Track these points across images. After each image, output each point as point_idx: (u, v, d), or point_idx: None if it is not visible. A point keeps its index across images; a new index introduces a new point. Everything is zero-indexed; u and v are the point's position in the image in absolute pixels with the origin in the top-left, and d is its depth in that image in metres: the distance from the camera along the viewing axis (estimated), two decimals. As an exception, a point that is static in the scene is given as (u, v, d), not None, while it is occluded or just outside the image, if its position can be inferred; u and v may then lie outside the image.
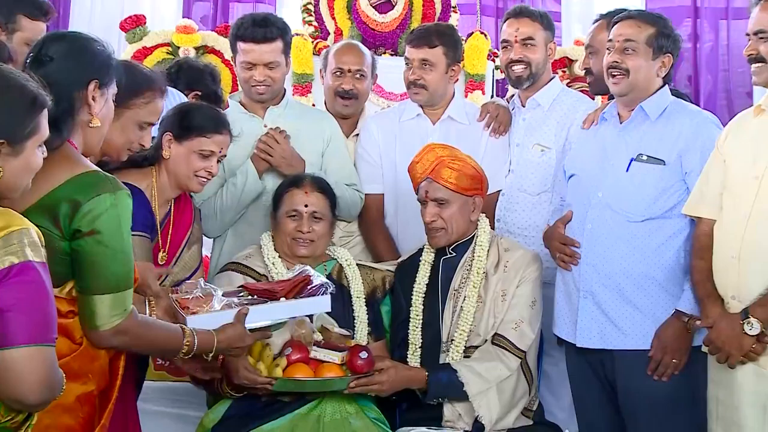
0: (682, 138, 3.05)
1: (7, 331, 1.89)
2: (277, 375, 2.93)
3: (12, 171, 2.02)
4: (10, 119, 2.00)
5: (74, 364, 2.23)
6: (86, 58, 2.36)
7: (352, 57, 3.90)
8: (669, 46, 3.12)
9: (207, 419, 3.07)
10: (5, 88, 2.02)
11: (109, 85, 2.39)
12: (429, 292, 3.27)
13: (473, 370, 3.07)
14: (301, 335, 3.06)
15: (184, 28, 5.08)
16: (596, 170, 3.19)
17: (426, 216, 3.24)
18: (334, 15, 5.10)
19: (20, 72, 2.10)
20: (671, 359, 2.99)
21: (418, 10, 5.05)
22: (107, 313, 2.24)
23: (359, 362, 3.01)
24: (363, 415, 3.06)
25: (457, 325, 3.19)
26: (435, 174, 3.22)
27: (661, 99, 3.14)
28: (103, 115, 2.39)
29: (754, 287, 2.71)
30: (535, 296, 3.21)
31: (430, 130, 3.76)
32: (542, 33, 3.72)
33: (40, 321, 1.93)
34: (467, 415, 3.09)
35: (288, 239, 3.30)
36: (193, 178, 2.99)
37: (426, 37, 3.72)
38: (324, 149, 3.66)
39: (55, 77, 2.26)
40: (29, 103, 2.04)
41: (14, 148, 2.01)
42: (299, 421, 2.98)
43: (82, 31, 2.48)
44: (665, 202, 3.05)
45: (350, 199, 3.62)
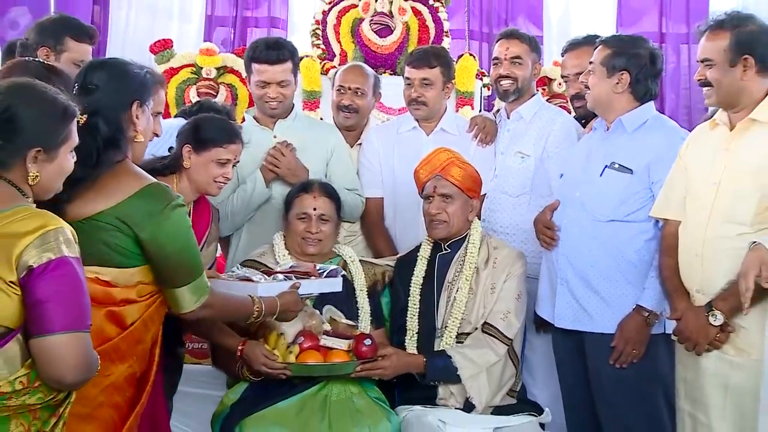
0: (652, 151, 3.04)
1: (47, 320, 1.90)
2: (290, 361, 2.95)
3: (47, 175, 2.05)
4: (44, 129, 2.02)
5: (122, 345, 2.27)
6: (126, 82, 2.40)
7: (352, 76, 3.92)
8: (622, 64, 3.08)
9: (227, 398, 3.08)
10: (39, 101, 2.04)
11: (147, 102, 2.43)
12: (425, 285, 3.26)
13: (466, 356, 3.07)
14: (312, 326, 3.07)
15: (207, 50, 5.08)
16: (578, 172, 3.20)
17: (432, 209, 3.24)
18: (339, 39, 5.10)
19: (52, 86, 2.11)
20: (631, 350, 3.01)
21: (414, 34, 5.05)
22: (189, 299, 2.37)
23: (364, 348, 3.02)
24: (365, 395, 3.07)
25: (451, 313, 3.19)
26: (445, 171, 3.23)
27: (640, 114, 3.12)
28: (146, 129, 2.43)
29: (716, 282, 2.70)
30: (520, 290, 3.22)
31: (425, 141, 3.75)
32: (529, 53, 3.73)
33: (75, 310, 1.94)
34: (459, 395, 3.09)
35: (298, 239, 3.30)
36: (212, 184, 2.98)
37: (425, 59, 3.74)
38: (329, 158, 3.65)
39: (102, 103, 2.33)
40: (61, 113, 2.06)
41: (49, 154, 2.03)
42: (308, 400, 2.99)
43: (118, 57, 2.52)
44: (629, 207, 3.05)
45: (352, 203, 3.61)
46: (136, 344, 2.31)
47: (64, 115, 2.06)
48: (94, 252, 2.22)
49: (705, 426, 2.75)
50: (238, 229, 3.65)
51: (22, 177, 2.01)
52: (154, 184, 2.31)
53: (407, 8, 5.10)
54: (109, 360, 2.20)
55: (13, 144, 1.98)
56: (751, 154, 2.67)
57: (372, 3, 5.06)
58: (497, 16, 6.46)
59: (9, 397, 1.89)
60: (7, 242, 1.89)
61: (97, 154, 2.26)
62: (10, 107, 1.98)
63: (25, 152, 1.99)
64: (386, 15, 5.05)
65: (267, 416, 2.91)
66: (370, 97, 3.94)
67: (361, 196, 3.70)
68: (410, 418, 3.02)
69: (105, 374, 2.19)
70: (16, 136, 1.98)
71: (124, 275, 2.28)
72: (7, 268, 1.88)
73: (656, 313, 3.00)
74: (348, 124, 3.88)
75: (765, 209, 2.62)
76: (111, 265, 2.26)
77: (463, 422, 3.03)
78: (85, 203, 2.24)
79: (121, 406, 2.28)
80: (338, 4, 5.17)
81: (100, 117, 2.29)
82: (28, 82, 2.09)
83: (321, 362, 2.99)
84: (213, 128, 3.03)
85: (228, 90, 4.94)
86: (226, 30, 6.34)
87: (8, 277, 1.88)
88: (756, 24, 2.70)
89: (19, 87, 2.06)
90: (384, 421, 2.96)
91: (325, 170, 3.63)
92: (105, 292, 2.25)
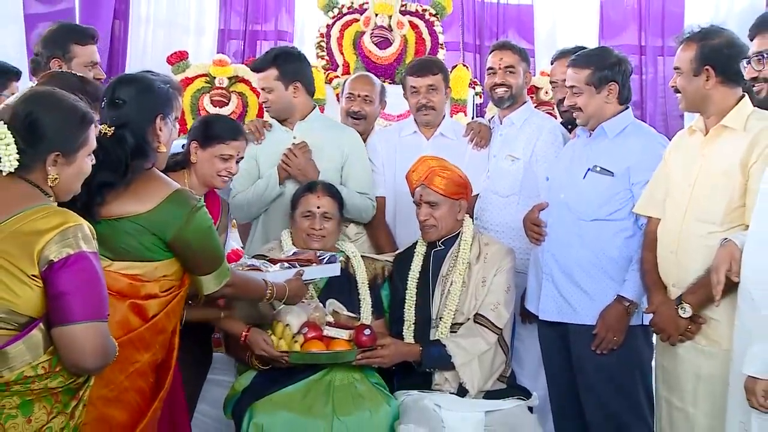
0: (632, 155, 3.05)
1: (67, 311, 1.91)
2: (295, 350, 2.96)
3: (66, 177, 2.05)
4: (64, 134, 2.03)
5: (147, 334, 2.29)
6: (151, 97, 2.42)
7: (361, 85, 3.92)
8: (609, 75, 3.08)
9: (238, 384, 3.08)
10: (59, 109, 2.04)
11: (170, 114, 2.45)
12: (421, 279, 3.26)
13: (459, 344, 3.06)
14: (315, 317, 3.08)
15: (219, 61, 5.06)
16: (563, 176, 3.20)
17: (420, 215, 3.25)
18: (342, 51, 5.11)
19: (71, 94, 2.12)
20: (612, 337, 3.01)
21: (411, 46, 5.05)
22: (213, 283, 2.46)
23: (363, 338, 3.03)
24: (366, 380, 3.07)
25: (445, 305, 3.19)
26: (428, 181, 3.22)
27: (620, 121, 3.12)
28: (169, 140, 2.45)
29: (689, 276, 2.71)
30: (509, 283, 3.22)
31: (425, 144, 3.76)
32: (521, 63, 3.74)
33: (93, 301, 1.94)
34: (453, 380, 3.09)
35: (303, 235, 3.31)
36: (216, 177, 2.98)
37: (428, 67, 3.75)
38: (343, 161, 3.62)
39: (129, 117, 2.34)
40: (79, 120, 2.06)
41: (68, 158, 2.04)
42: (313, 386, 3.00)
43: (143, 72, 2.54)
44: (610, 207, 3.05)
45: (362, 206, 3.59)
46: (158, 334, 2.33)
47: (82, 121, 2.06)
48: (123, 248, 2.28)
49: (680, 410, 2.76)
50: (255, 221, 3.67)
51: (43, 179, 2.01)
52: (179, 190, 2.34)
53: (405, 22, 5.10)
54: (134, 348, 2.25)
55: (34, 148, 1.98)
56: (722, 158, 2.68)
57: (372, 17, 5.06)
58: (489, 30, 6.43)
59: (32, 381, 1.90)
60: (29, 239, 1.90)
61: (126, 162, 2.29)
62: (32, 113, 1.99)
63: (45, 156, 2.00)
64: (386, 29, 5.05)
65: (275, 400, 2.91)
66: (377, 104, 3.94)
67: (372, 200, 3.67)
68: (408, 402, 3.01)
69: (131, 361, 2.24)
70: (38, 141, 1.99)
71: (149, 269, 2.31)
72: (29, 262, 1.89)
73: (636, 303, 3.00)
74: (357, 129, 3.85)
75: (733, 209, 2.62)
76: (138, 260, 2.29)
77: (457, 405, 3.02)
78: (119, 205, 2.28)
79: (144, 390, 2.30)
80: (341, 19, 5.18)
81: (127, 129, 2.32)
82: (48, 91, 2.10)
83: (324, 351, 2.99)
84: (219, 125, 3.04)
85: (239, 98, 4.93)
86: (238, 42, 6.33)
87: (30, 271, 1.89)
88: (723, 37, 2.70)
89: (40, 95, 2.07)
90: (384, 404, 2.96)
91: (339, 170, 3.60)
92: (131, 286, 2.28)
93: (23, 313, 1.91)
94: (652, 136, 3.17)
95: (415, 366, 3.11)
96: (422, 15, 5.17)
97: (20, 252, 1.89)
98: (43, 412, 1.93)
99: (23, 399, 1.90)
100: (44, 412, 1.94)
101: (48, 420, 1.94)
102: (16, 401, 1.90)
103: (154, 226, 2.28)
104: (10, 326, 1.90)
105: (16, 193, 1.96)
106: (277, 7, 6.35)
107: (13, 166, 1.95)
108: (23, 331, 1.90)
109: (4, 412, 1.88)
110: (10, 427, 1.88)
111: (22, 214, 1.92)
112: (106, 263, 2.21)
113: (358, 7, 5.17)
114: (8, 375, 1.87)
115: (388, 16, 5.05)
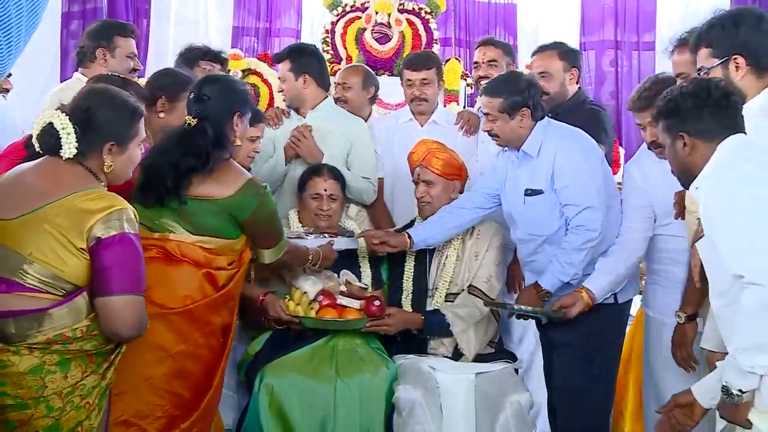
0: (549, 166, 2.81)
1: (109, 283, 1.94)
2: (311, 316, 2.97)
3: (120, 164, 2.10)
4: (118, 126, 2.07)
5: (219, 300, 2.38)
6: (232, 96, 2.48)
7: (343, 74, 3.92)
8: (521, 102, 2.80)
9: (251, 348, 3.06)
10: (113, 104, 2.08)
11: (246, 114, 2.52)
12: (418, 253, 3.19)
13: (456, 314, 3.01)
14: (330, 287, 3.07)
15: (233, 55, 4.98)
16: (509, 197, 2.99)
17: (417, 193, 3.19)
18: (345, 45, 5.08)
19: (123, 90, 2.17)
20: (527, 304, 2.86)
21: (408, 42, 5.01)
22: (272, 255, 2.59)
23: (373, 308, 3.01)
24: (367, 346, 3.04)
25: (441, 276, 3.14)
26: (426, 162, 3.15)
27: (535, 138, 2.85)
28: (243, 135, 2.53)
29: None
30: (499, 258, 3.16)
31: (420, 131, 3.68)
32: (503, 56, 3.69)
33: (133, 277, 1.98)
34: (449, 345, 3.05)
35: (312, 215, 3.25)
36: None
37: (423, 62, 3.68)
38: (348, 148, 3.55)
39: (211, 112, 2.42)
40: (131, 112, 2.10)
41: (121, 147, 2.08)
42: (319, 350, 2.98)
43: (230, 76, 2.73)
44: (557, 222, 2.84)
45: (364, 189, 3.52)
46: (228, 301, 2.43)
47: (133, 114, 2.10)
48: (204, 225, 2.38)
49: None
50: None
51: (97, 165, 2.06)
52: (252, 179, 2.44)
53: (403, 20, 5.05)
54: (209, 312, 2.36)
55: (91, 138, 2.03)
56: None
57: (373, 15, 5.01)
58: (478, 27, 6.42)
59: (71, 342, 1.94)
60: (81, 216, 1.95)
61: (207, 150, 2.36)
62: (90, 108, 2.04)
63: (101, 145, 2.04)
64: (385, 25, 5.00)
65: (284, 363, 2.89)
66: (358, 90, 3.82)
67: (374, 185, 3.60)
68: (405, 365, 2.98)
69: (206, 322, 2.35)
70: (95, 131, 2.03)
71: (221, 244, 2.40)
72: (78, 237, 1.94)
73: (548, 291, 2.82)
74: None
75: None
76: (214, 236, 2.39)
77: (450, 368, 2.99)
78: (203, 188, 2.37)
79: (215, 348, 2.39)
80: (344, 16, 5.14)
81: (208, 122, 2.40)
82: (104, 87, 2.17)
83: (336, 318, 2.99)
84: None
85: (251, 88, 4.86)
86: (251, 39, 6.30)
87: (79, 244, 1.94)
88: None
89: (97, 91, 2.13)
90: (383, 367, 2.93)
91: (345, 156, 3.53)
92: (206, 258, 2.37)
93: (69, 280, 1.95)
94: (564, 142, 2.85)
95: (416, 333, 3.06)
96: (418, 13, 5.12)
97: (72, 226, 1.94)
98: (79, 370, 1.97)
99: (62, 357, 1.94)
100: (79, 370, 1.97)
101: (82, 378, 1.97)
102: (55, 359, 1.93)
103: (232, 209, 2.38)
104: (57, 292, 1.95)
105: (74, 175, 2.01)
106: (287, 6, 6.35)
107: (72, 152, 2.00)
108: (67, 297, 1.94)
109: (45, 368, 1.92)
110: (50, 381, 1.93)
111: (77, 194, 1.97)
112: (185, 236, 2.37)
113: (360, 5, 5.14)
114: (51, 334, 1.92)
115: (388, 14, 5.01)
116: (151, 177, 2.38)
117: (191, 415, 2.30)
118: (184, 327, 2.29)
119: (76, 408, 1.97)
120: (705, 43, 2.25)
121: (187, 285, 2.33)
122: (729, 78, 2.18)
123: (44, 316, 1.91)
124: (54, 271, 1.93)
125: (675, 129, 2.05)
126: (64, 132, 1.99)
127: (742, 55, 2.19)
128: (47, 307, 1.92)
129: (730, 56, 2.20)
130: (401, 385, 2.84)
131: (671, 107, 2.06)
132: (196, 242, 2.36)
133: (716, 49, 2.23)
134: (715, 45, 2.23)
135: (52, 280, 1.94)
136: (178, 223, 2.36)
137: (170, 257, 2.34)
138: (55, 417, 1.94)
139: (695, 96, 2.02)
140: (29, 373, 1.91)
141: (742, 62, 2.19)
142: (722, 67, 2.21)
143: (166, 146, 2.43)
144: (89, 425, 2.00)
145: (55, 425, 1.94)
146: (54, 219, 1.94)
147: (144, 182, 2.39)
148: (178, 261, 2.33)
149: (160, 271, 2.29)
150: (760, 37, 2.19)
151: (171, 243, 2.34)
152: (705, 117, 2.00)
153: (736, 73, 2.20)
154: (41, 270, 1.93)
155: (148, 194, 2.37)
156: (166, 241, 2.35)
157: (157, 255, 2.32)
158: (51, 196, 1.96)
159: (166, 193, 2.36)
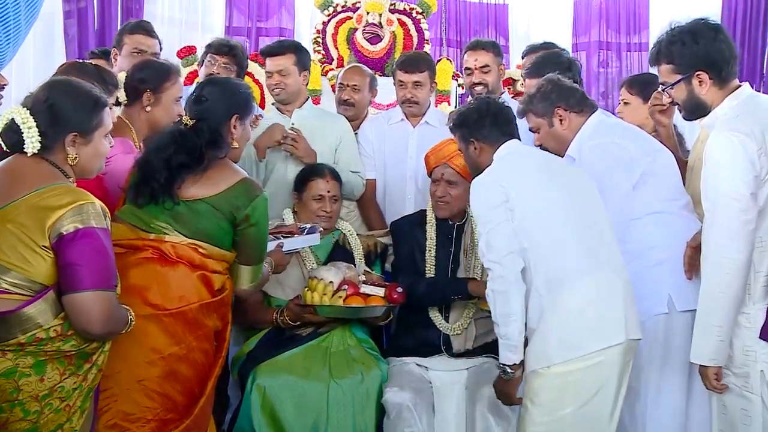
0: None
1: (76, 280, 1.90)
2: (339, 304, 2.93)
3: (85, 156, 2.05)
4: (79, 116, 2.02)
5: (214, 304, 2.35)
6: (231, 98, 2.45)
7: (351, 75, 3.84)
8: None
9: (245, 347, 3.06)
10: (75, 94, 2.04)
11: (246, 117, 2.48)
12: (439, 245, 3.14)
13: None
14: (351, 276, 3.06)
15: (225, 55, 5.00)
16: None
17: (438, 192, 3.12)
18: (337, 45, 5.07)
19: (85, 81, 2.14)
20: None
21: (399, 42, 5.01)
22: (247, 278, 2.47)
23: (395, 295, 3.01)
24: (360, 346, 3.03)
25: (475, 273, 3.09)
26: (451, 161, 3.09)
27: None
28: (241, 138, 2.47)
29: None
30: None
31: (411, 131, 3.69)
32: (494, 59, 3.70)
33: (100, 272, 1.93)
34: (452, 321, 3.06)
35: (313, 215, 3.21)
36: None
37: (416, 64, 3.65)
38: (337, 144, 3.55)
39: (209, 113, 2.39)
40: (93, 103, 2.06)
41: (85, 138, 2.03)
42: (312, 350, 2.97)
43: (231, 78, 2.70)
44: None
45: (354, 183, 3.53)
46: (222, 306, 2.40)
47: (95, 104, 2.07)
48: (199, 229, 2.33)
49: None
50: None
51: (63, 159, 2.01)
52: (246, 178, 2.39)
53: (394, 20, 5.04)
54: (203, 314, 2.32)
55: (54, 130, 1.99)
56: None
57: (364, 15, 5.00)
58: (470, 27, 6.42)
59: (45, 344, 1.89)
60: (42, 213, 1.90)
61: (201, 149, 2.34)
62: (49, 98, 2.00)
63: (64, 137, 2.00)
64: (376, 25, 4.99)
65: (277, 363, 2.89)
66: (365, 92, 3.84)
67: (363, 177, 3.61)
68: (396, 367, 2.98)
69: (200, 325, 2.31)
70: (56, 123, 1.99)
71: (216, 252, 2.36)
72: (40, 235, 1.89)
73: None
74: (347, 115, 3.79)
75: None
76: (208, 242, 2.34)
77: (442, 365, 2.99)
78: (196, 188, 2.33)
79: (208, 352, 2.36)
80: (336, 16, 5.12)
81: (205, 123, 2.38)
82: (65, 79, 2.13)
83: (363, 305, 2.96)
84: None
85: (243, 89, 4.85)
86: (242, 39, 6.26)
87: (41, 242, 1.89)
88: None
89: (57, 82, 2.09)
90: (375, 368, 2.93)
91: (333, 154, 3.54)
92: (201, 260, 2.33)
93: (36, 280, 1.91)
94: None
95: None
96: (410, 13, 5.11)
97: (33, 224, 1.89)
98: (56, 372, 1.92)
99: (36, 359, 1.90)
100: (57, 372, 1.92)
101: (60, 380, 1.92)
102: (30, 361, 1.89)
103: (225, 207, 2.32)
104: (26, 292, 1.90)
105: (38, 172, 1.96)
106: (279, 5, 6.32)
107: (35, 147, 1.96)
108: (35, 297, 1.90)
109: (18, 371, 1.88)
110: (24, 384, 1.88)
111: (40, 191, 1.92)
112: (178, 239, 2.31)
113: (351, 5, 5.12)
114: (21, 337, 1.87)
115: (379, 14, 5.00)
116: (145, 174, 2.36)
117: (183, 421, 2.25)
118: (178, 329, 2.26)
119: (56, 411, 1.92)
120: (666, 60, 2.30)
121: (182, 286, 2.29)
122: (693, 92, 2.26)
123: (12, 317, 1.86)
124: (19, 271, 1.89)
125: (467, 137, 2.54)
126: (25, 126, 1.95)
127: (705, 71, 2.23)
128: (14, 309, 1.87)
129: (692, 72, 2.25)
130: (389, 388, 2.83)
131: (462, 120, 2.56)
132: (190, 244, 2.33)
133: (678, 65, 2.28)
134: (677, 61, 2.28)
135: (18, 281, 1.89)
136: (173, 226, 2.33)
137: (165, 258, 2.31)
138: (33, 420, 1.89)
139: (478, 110, 2.54)
140: (2, 377, 1.86)
141: (705, 77, 2.24)
142: (685, 83, 2.27)
143: (161, 144, 2.41)
144: (70, 428, 1.96)
145: (33, 428, 1.90)
146: (16, 218, 1.90)
147: (138, 179, 2.37)
148: (173, 262, 2.30)
149: (155, 271, 2.27)
150: (718, 49, 2.23)
151: (166, 244, 2.31)
152: (486, 126, 2.50)
153: (700, 87, 2.26)
154: (5, 272, 1.89)
155: (142, 192, 2.34)
156: (161, 242, 2.32)
157: (152, 256, 2.30)
158: (14, 195, 1.92)
159: (160, 191, 2.32)
